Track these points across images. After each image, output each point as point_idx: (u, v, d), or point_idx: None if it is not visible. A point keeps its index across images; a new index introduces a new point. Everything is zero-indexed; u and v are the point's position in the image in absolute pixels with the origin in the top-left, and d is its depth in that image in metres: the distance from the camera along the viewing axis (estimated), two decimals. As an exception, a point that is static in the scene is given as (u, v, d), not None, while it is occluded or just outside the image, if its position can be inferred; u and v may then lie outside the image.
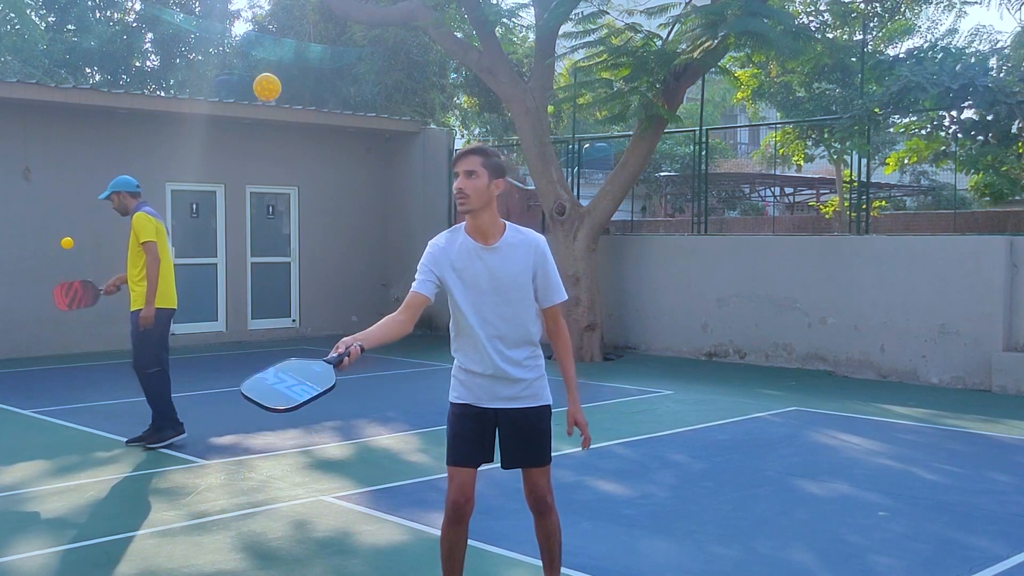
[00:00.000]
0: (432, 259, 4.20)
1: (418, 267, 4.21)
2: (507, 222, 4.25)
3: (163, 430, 8.52)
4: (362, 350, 3.86)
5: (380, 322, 4.12)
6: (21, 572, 5.40)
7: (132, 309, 8.46)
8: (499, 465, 4.36)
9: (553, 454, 4.41)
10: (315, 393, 3.66)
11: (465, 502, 4.21)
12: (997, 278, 11.89)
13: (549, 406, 4.35)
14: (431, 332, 17.97)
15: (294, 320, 17.61)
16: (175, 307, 8.64)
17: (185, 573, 5.37)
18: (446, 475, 4.27)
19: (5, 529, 6.19)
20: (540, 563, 4.49)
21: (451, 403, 4.35)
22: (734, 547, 5.89)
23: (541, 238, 4.27)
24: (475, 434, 4.25)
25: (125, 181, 8.62)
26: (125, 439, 8.64)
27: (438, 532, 4.34)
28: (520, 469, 4.36)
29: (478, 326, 4.18)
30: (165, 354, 8.58)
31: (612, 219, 16.01)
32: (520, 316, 4.21)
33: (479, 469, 4.30)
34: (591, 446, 4.42)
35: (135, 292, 8.45)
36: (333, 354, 3.81)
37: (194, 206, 16.43)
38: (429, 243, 4.26)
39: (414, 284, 4.20)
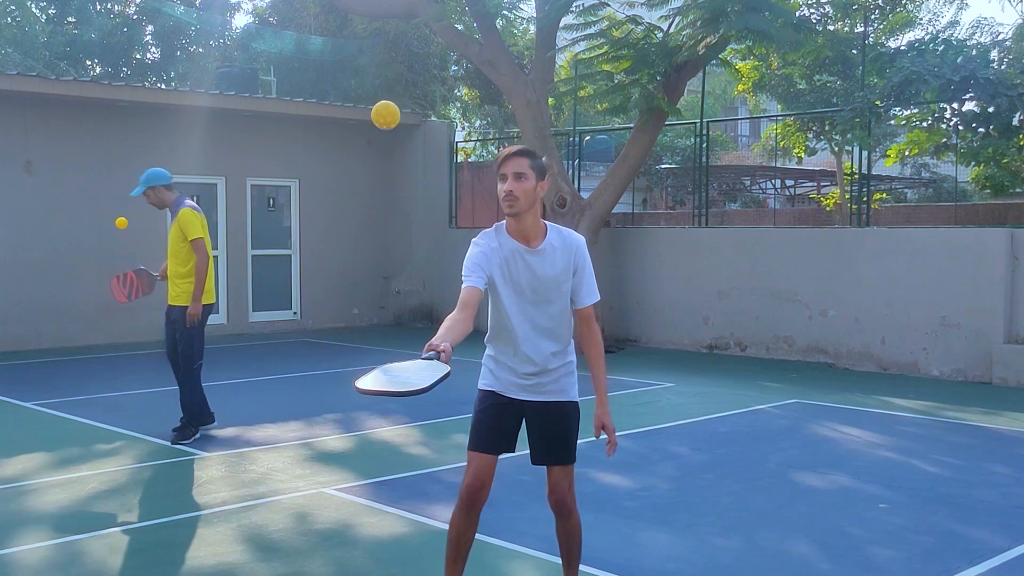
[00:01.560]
0: (484, 257, 4.12)
1: (466, 264, 4.11)
2: (547, 223, 4.21)
3: (189, 427, 8.50)
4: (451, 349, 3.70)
5: (449, 326, 3.89)
6: (22, 564, 5.41)
7: (174, 304, 8.35)
8: (516, 458, 4.33)
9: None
10: (438, 377, 3.52)
11: (481, 487, 4.18)
12: (998, 271, 11.89)
13: (577, 404, 4.33)
14: (431, 325, 17.97)
15: (295, 313, 17.61)
16: (214, 302, 8.62)
17: (186, 565, 5.38)
18: (448, 467, 4.27)
19: (6, 521, 6.20)
20: (541, 555, 4.47)
21: (479, 390, 4.33)
22: (735, 539, 5.89)
23: (581, 240, 4.25)
24: (499, 422, 4.23)
25: (159, 174, 8.38)
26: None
27: (439, 524, 4.34)
28: (543, 467, 4.32)
29: (519, 326, 4.17)
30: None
31: (613, 212, 16.00)
32: (559, 316, 4.21)
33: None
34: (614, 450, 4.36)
35: (178, 287, 8.35)
36: (428, 353, 3.66)
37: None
38: (474, 242, 4.17)
39: (467, 281, 4.06)
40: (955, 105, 13.83)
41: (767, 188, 31.01)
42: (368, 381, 3.62)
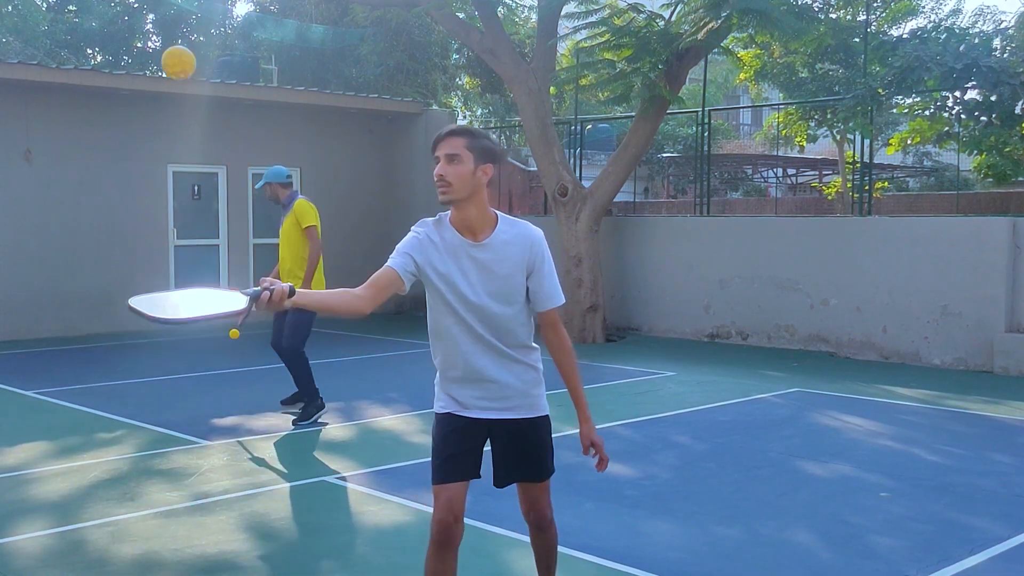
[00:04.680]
0: (417, 244, 3.66)
1: (396, 248, 3.69)
2: (499, 213, 3.71)
3: (308, 407, 8.71)
4: (291, 294, 3.31)
5: (334, 291, 3.62)
6: (24, 553, 5.42)
7: None
8: (492, 483, 3.93)
9: (553, 435, 4.01)
10: (211, 312, 3.22)
11: (454, 521, 3.67)
12: (1000, 259, 11.87)
13: (548, 417, 3.89)
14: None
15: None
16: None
17: (188, 554, 5.38)
18: None
19: (8, 510, 6.20)
20: None
21: (435, 414, 3.84)
22: (736, 528, 5.90)
23: (538, 233, 3.72)
24: (462, 447, 3.74)
25: (277, 172, 8.88)
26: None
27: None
28: (516, 484, 3.93)
29: (464, 334, 3.68)
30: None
31: (615, 200, 15.98)
32: (512, 320, 3.70)
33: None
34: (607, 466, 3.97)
35: (295, 275, 8.69)
36: (253, 288, 3.32)
37: (196, 187, 16.41)
38: (412, 229, 3.71)
39: (388, 262, 3.65)
40: (957, 93, 13.78)
41: (769, 177, 31.00)
42: (141, 301, 3.22)
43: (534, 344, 3.81)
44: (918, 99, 15.61)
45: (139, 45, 26.64)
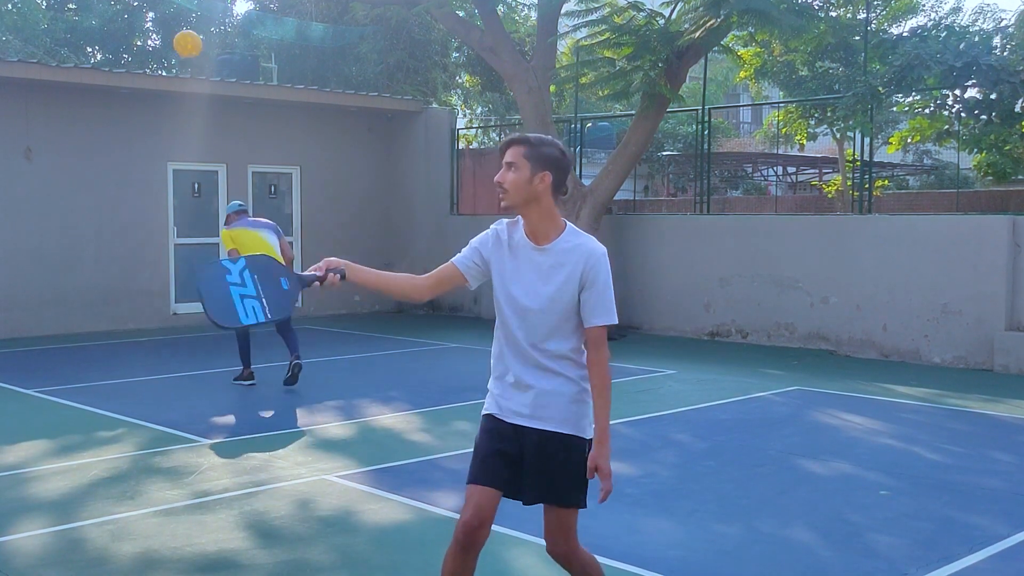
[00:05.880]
0: (486, 241, 3.81)
1: (469, 243, 3.85)
2: (569, 223, 3.80)
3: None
4: (342, 278, 3.72)
5: (397, 274, 3.94)
6: (24, 552, 5.42)
7: None
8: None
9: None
10: (260, 321, 3.64)
11: (480, 525, 3.65)
12: (1000, 258, 11.87)
13: (585, 441, 3.77)
14: (433, 312, 17.98)
15: (296, 300, 17.58)
16: None
17: (188, 552, 5.38)
18: (450, 454, 4.15)
19: (8, 509, 6.20)
20: (543, 541, 4.26)
21: (482, 415, 3.88)
22: (736, 526, 5.90)
23: (600, 249, 3.77)
24: (498, 452, 3.73)
25: (229, 205, 10.73)
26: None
27: (441, 511, 4.27)
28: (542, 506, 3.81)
29: (508, 332, 3.75)
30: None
31: (615, 199, 15.97)
32: (557, 329, 3.71)
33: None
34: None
35: None
36: (310, 272, 3.71)
37: (196, 186, 16.41)
38: (491, 226, 3.86)
39: (453, 257, 3.85)
40: (957, 92, 13.78)
41: (769, 175, 30.98)
42: (209, 278, 3.63)
43: (582, 362, 3.78)
44: (918, 97, 15.60)
45: (139, 43, 26.62)
